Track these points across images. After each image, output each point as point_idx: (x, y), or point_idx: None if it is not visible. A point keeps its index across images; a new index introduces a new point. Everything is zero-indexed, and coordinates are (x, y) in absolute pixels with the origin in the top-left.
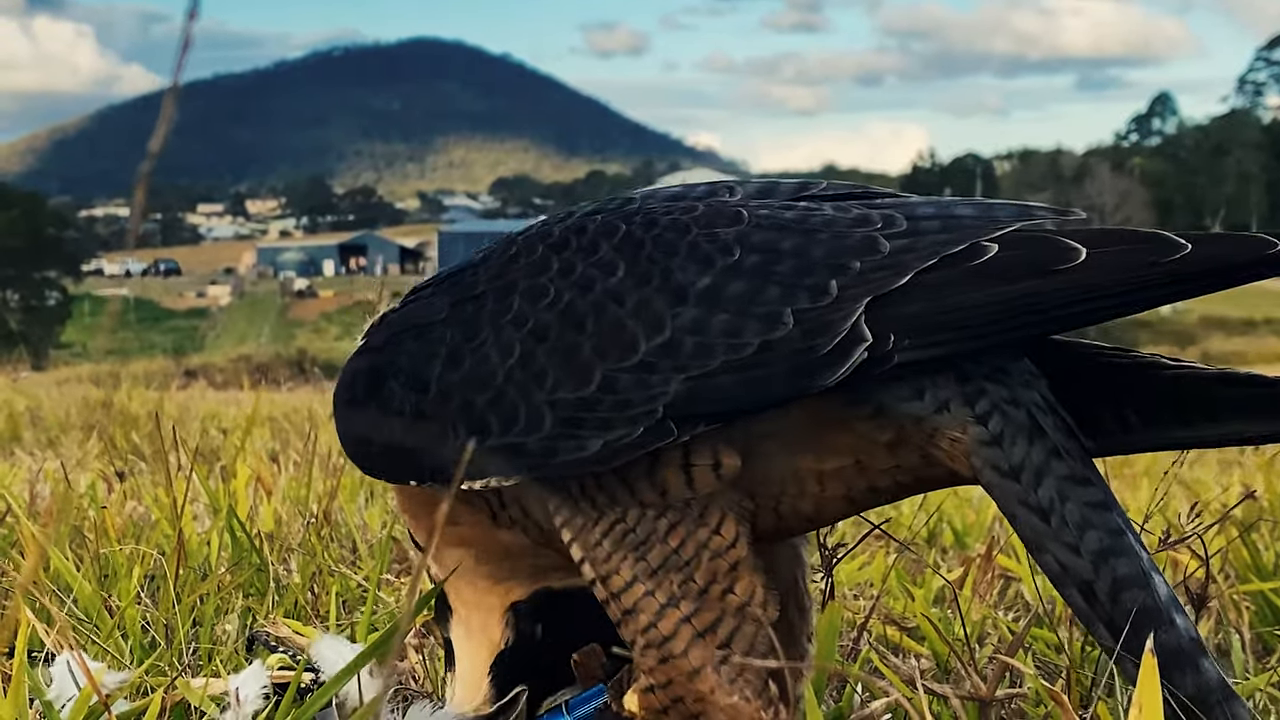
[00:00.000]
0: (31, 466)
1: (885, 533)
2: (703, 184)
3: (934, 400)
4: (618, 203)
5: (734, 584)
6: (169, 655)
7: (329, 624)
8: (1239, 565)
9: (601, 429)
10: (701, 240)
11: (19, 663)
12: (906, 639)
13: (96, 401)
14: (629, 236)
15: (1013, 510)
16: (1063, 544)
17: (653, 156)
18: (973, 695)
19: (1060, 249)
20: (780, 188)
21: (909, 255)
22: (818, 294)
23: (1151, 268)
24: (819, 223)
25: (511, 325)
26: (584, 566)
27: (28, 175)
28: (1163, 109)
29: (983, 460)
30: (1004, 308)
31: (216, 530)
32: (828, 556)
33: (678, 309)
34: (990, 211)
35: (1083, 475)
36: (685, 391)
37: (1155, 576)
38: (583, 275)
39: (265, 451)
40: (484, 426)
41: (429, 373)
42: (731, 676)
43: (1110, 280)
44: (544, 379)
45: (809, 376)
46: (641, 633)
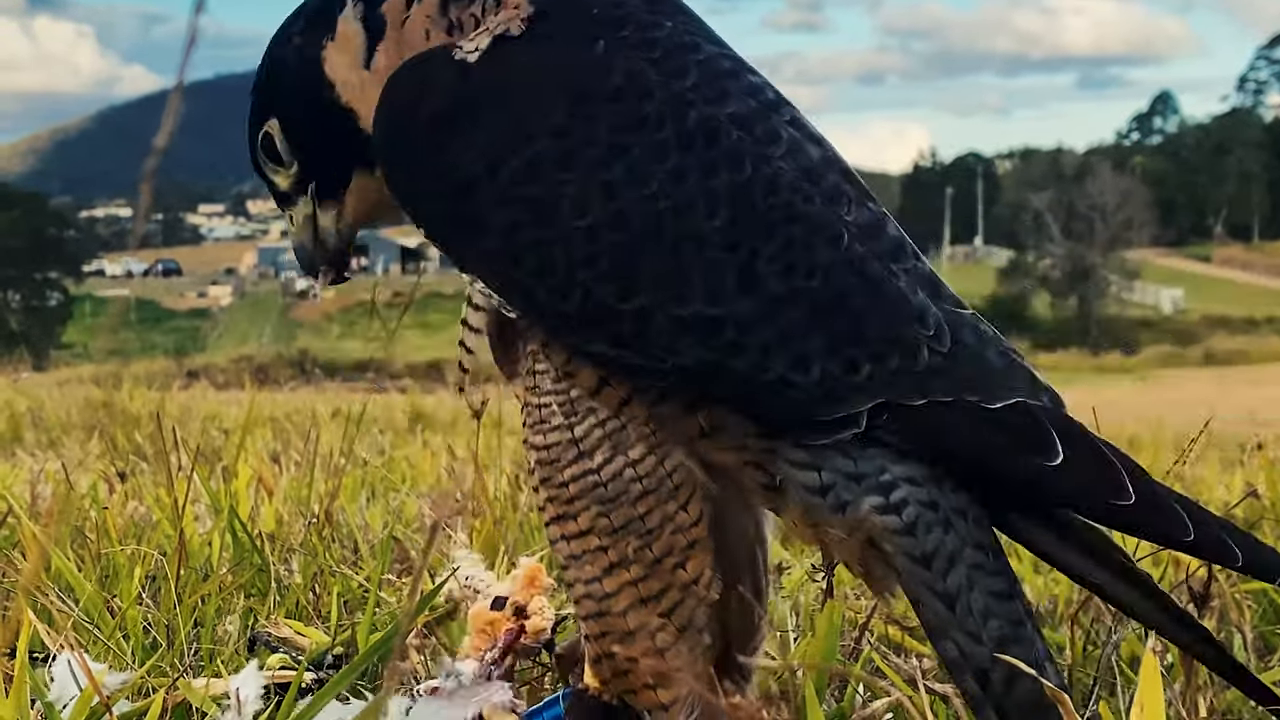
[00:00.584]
0: (33, 467)
1: None
2: (839, 167)
3: (835, 501)
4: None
5: (686, 561)
6: (170, 656)
7: (330, 625)
8: None
9: (614, 344)
10: (798, 245)
11: (20, 663)
12: (908, 638)
13: (98, 402)
14: (747, 188)
15: (919, 595)
16: (965, 632)
17: None
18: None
19: (1046, 442)
20: (884, 238)
21: (936, 380)
22: (849, 368)
23: (1099, 502)
24: (890, 295)
25: (600, 190)
26: (538, 481)
27: (29, 176)
28: (1164, 108)
29: (894, 547)
30: (983, 460)
31: (218, 531)
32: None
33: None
34: (1011, 370)
35: (993, 567)
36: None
37: (1049, 666)
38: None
39: (267, 452)
40: (518, 255)
41: (504, 160)
42: (665, 645)
43: (1068, 493)
44: (594, 262)
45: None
46: (584, 583)
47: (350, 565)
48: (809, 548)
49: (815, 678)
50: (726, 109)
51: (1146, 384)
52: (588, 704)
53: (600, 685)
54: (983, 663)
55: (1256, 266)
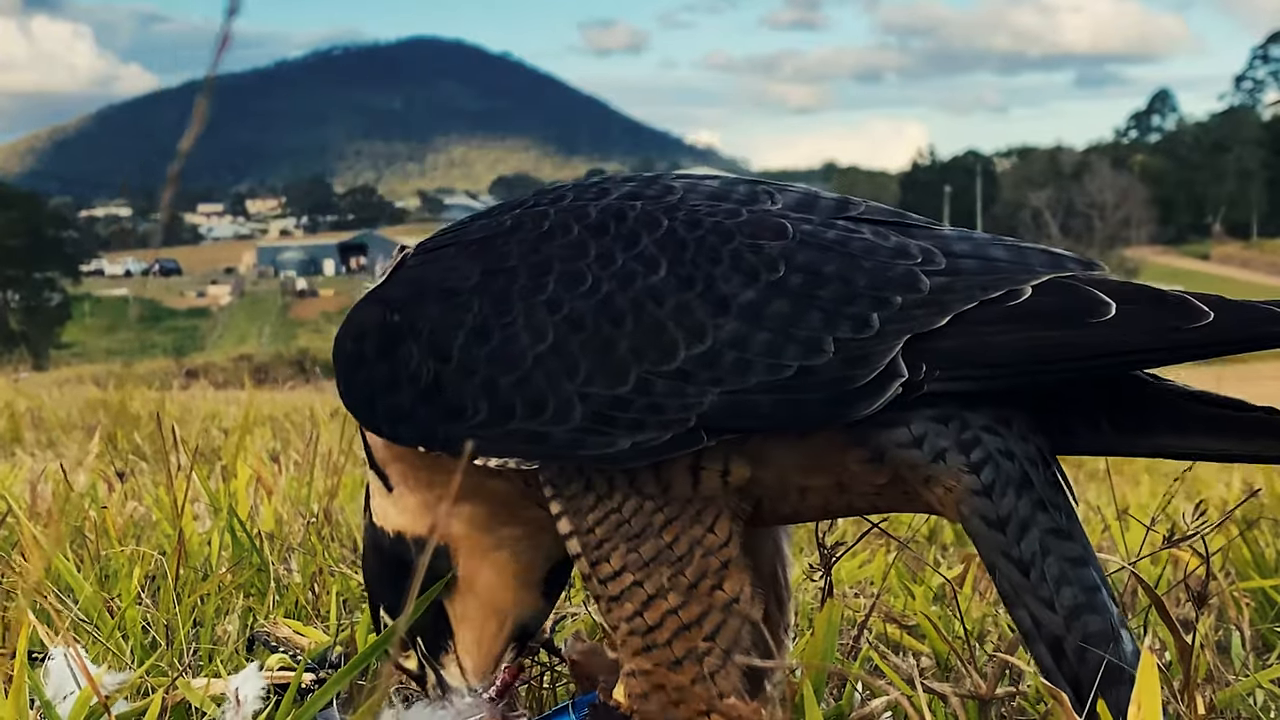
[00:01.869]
0: (32, 467)
1: (885, 531)
2: (743, 183)
3: (931, 449)
4: (656, 189)
5: (723, 581)
6: (169, 655)
7: (329, 624)
8: (1239, 562)
9: (633, 429)
10: (745, 250)
11: (20, 663)
12: (906, 637)
13: (97, 402)
14: (672, 234)
15: (994, 561)
16: (1039, 599)
17: (652, 155)
18: (973, 693)
19: (1093, 301)
20: (820, 203)
21: (949, 296)
22: (860, 325)
23: (1175, 333)
24: (859, 249)
25: (545, 308)
26: (570, 543)
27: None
28: (1162, 106)
29: (971, 509)
30: (1034, 353)
31: (217, 530)
32: (827, 555)
33: (720, 319)
34: (1023, 256)
35: (1066, 529)
36: (721, 404)
37: (1124, 634)
38: (623, 268)
39: (266, 451)
40: (508, 408)
41: (452, 342)
42: (714, 669)
43: (1136, 340)
44: (576, 370)
45: (845, 405)
46: (626, 620)
47: (349, 565)
48: (808, 548)
49: (814, 676)
50: (614, 195)
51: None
52: (614, 718)
53: (629, 700)
54: (1057, 631)
55: (1255, 264)
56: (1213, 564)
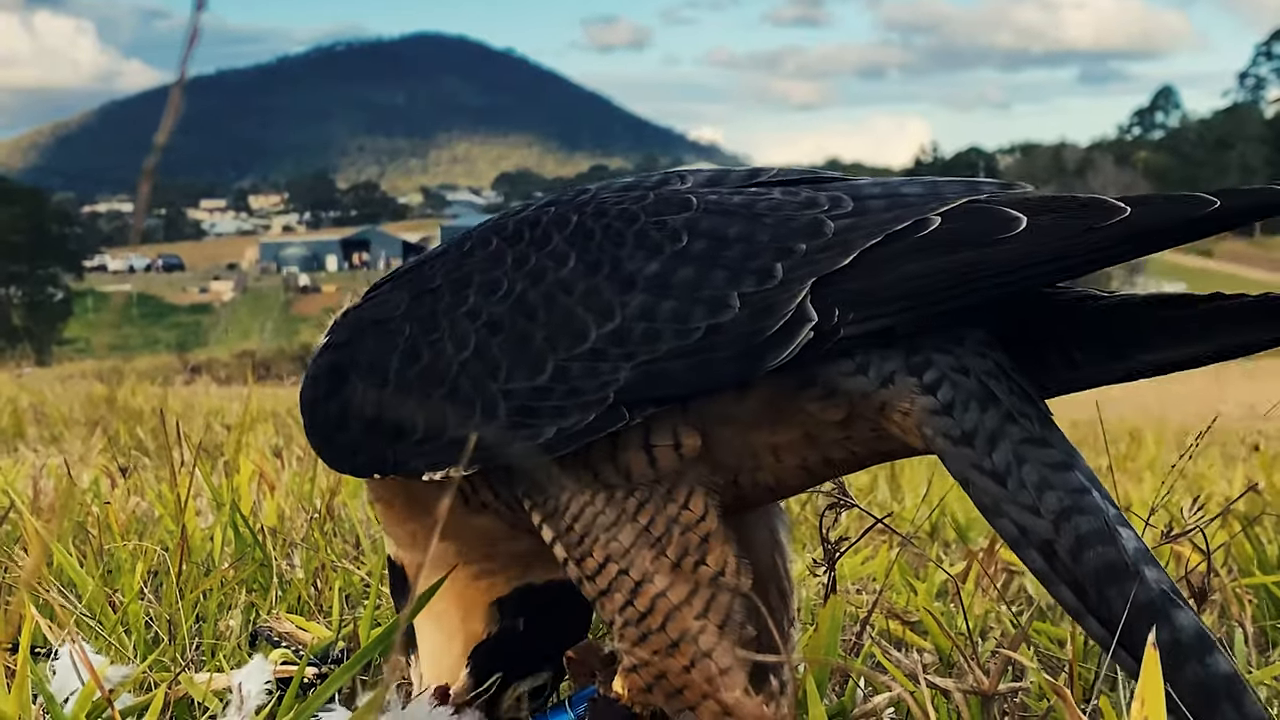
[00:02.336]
0: (35, 462)
1: (888, 526)
2: (658, 173)
3: (878, 374)
4: (572, 194)
5: (705, 555)
6: (172, 650)
7: (332, 619)
8: (1241, 559)
9: (555, 417)
10: (650, 228)
11: (23, 658)
12: (909, 633)
13: (100, 397)
14: (580, 227)
15: (966, 476)
16: (1020, 506)
17: (655, 151)
18: (975, 689)
19: (1001, 219)
20: (730, 175)
21: (854, 234)
22: (764, 277)
23: (1089, 233)
24: (765, 207)
25: (466, 318)
26: (556, 549)
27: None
28: (1165, 103)
29: (934, 429)
30: (945, 278)
31: (220, 526)
32: (830, 550)
33: (626, 296)
34: (937, 189)
35: (1040, 437)
36: (635, 377)
37: (1123, 531)
38: (535, 266)
39: (268, 447)
40: (441, 420)
41: (388, 367)
42: (709, 648)
43: (1049, 246)
44: (498, 370)
45: (756, 359)
46: (619, 611)
47: (352, 560)
48: (810, 543)
49: (816, 672)
50: (532, 207)
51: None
52: (615, 711)
53: (630, 693)
54: (1045, 535)
55: (1259, 261)
56: (1214, 560)
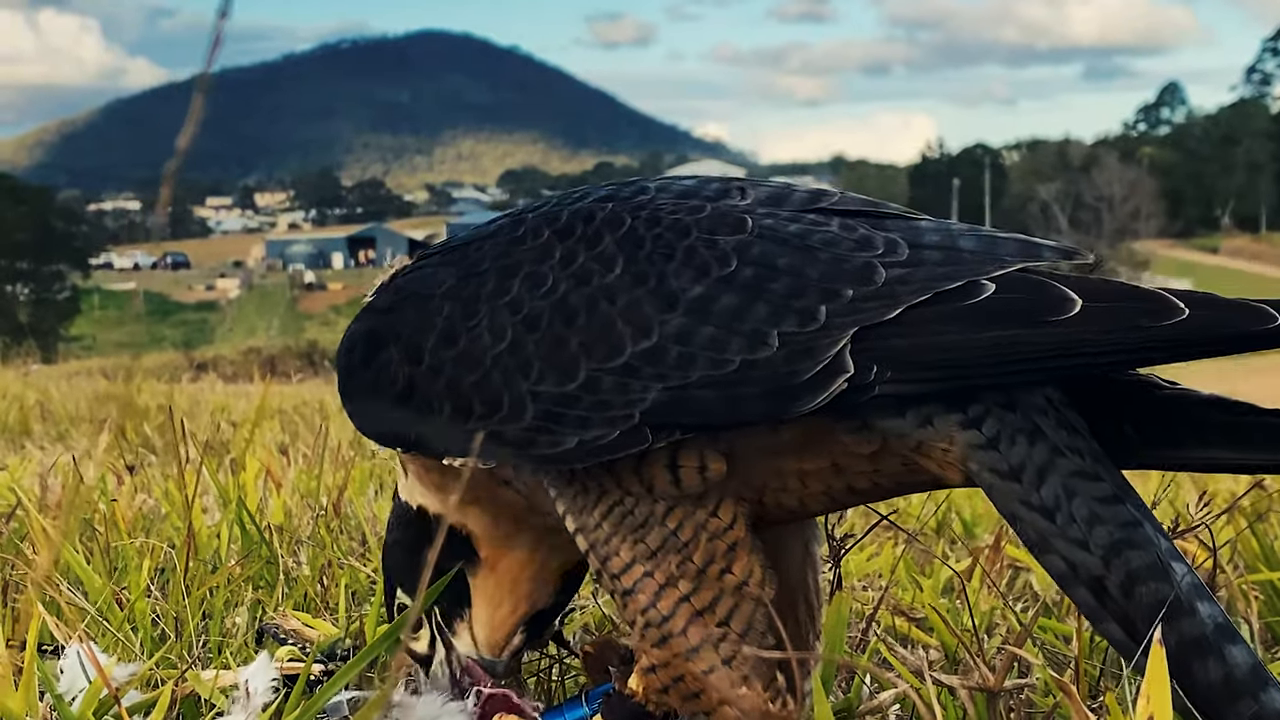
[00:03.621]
0: (42, 460)
1: (894, 524)
2: (717, 180)
3: (916, 416)
4: (630, 190)
5: (731, 564)
6: (179, 647)
7: (339, 616)
8: (1248, 555)
9: (579, 427)
10: (700, 246)
11: (30, 655)
12: (915, 630)
13: (106, 395)
14: (632, 232)
15: (1014, 511)
16: (1070, 541)
17: (660, 148)
18: (981, 686)
19: (1055, 298)
20: (793, 196)
21: (903, 287)
22: (806, 318)
23: (1143, 331)
24: (820, 241)
25: (507, 309)
26: (580, 542)
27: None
28: (1171, 98)
29: (979, 464)
30: (990, 353)
31: (226, 523)
32: (836, 547)
33: (666, 315)
34: (994, 248)
35: (1091, 471)
36: (664, 400)
37: (1176, 565)
38: (582, 267)
39: (275, 444)
40: (468, 407)
41: (424, 344)
42: (729, 655)
43: (1100, 339)
44: (530, 369)
45: (787, 401)
46: (641, 613)
47: (358, 557)
48: None
49: (823, 669)
50: (590, 199)
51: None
52: (628, 708)
53: (646, 693)
54: (1095, 571)
55: (1264, 257)
56: (1221, 557)
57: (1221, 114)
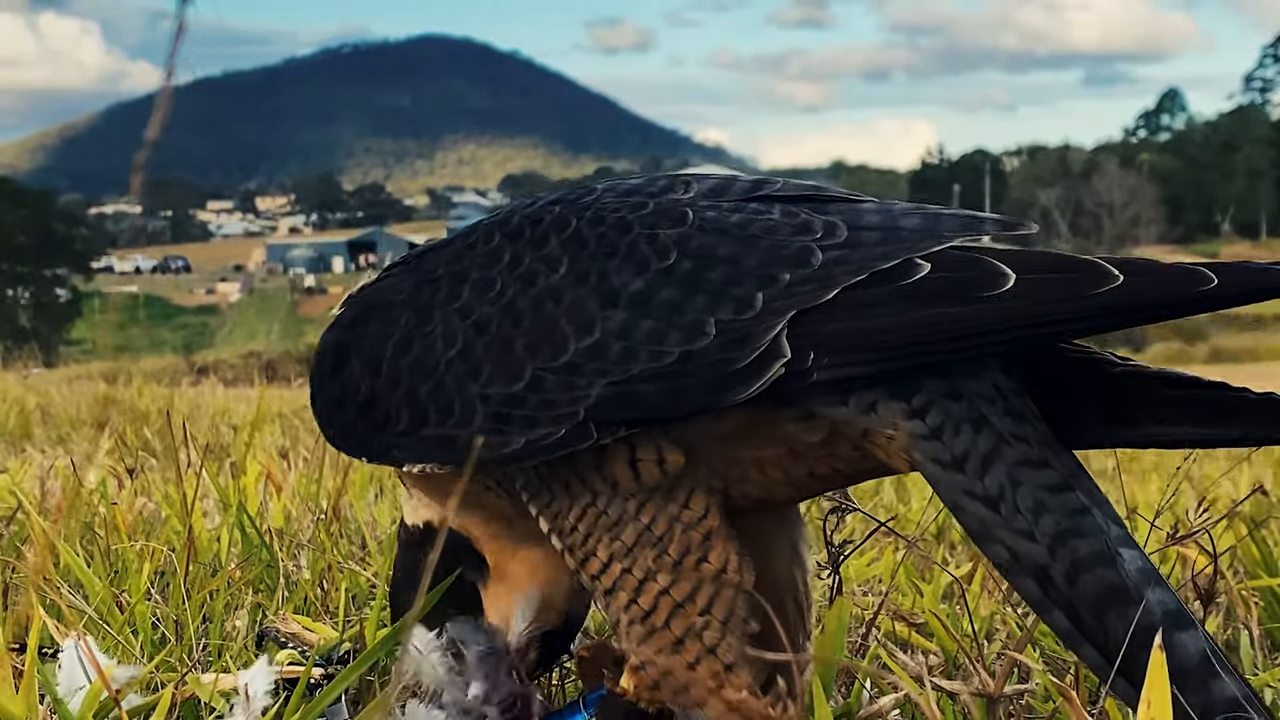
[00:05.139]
0: (42, 463)
1: (893, 530)
2: (664, 177)
3: (859, 403)
4: (578, 193)
5: (708, 553)
6: (179, 651)
7: (338, 620)
8: (1248, 561)
9: (526, 427)
10: (641, 241)
11: (30, 658)
12: (915, 635)
13: (106, 398)
14: (576, 233)
15: (957, 501)
16: (1014, 531)
17: (661, 153)
18: (981, 691)
19: (989, 273)
20: (735, 186)
21: (839, 269)
22: (743, 305)
23: (1078, 300)
24: (760, 229)
25: (458, 315)
26: (556, 544)
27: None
28: (1171, 105)
29: (922, 454)
30: (925, 331)
31: (226, 526)
32: (836, 553)
33: (608, 312)
34: (936, 224)
35: (1039, 458)
36: (608, 395)
37: (1125, 552)
38: (528, 270)
39: (275, 448)
40: (424, 414)
41: (383, 355)
42: (713, 644)
43: (1035, 311)
44: (479, 372)
45: (724, 389)
46: (623, 610)
47: (358, 561)
48: (815, 546)
49: (823, 674)
50: (541, 201)
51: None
52: (621, 708)
53: (637, 691)
54: (1040, 560)
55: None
56: (1221, 563)
57: (1222, 120)
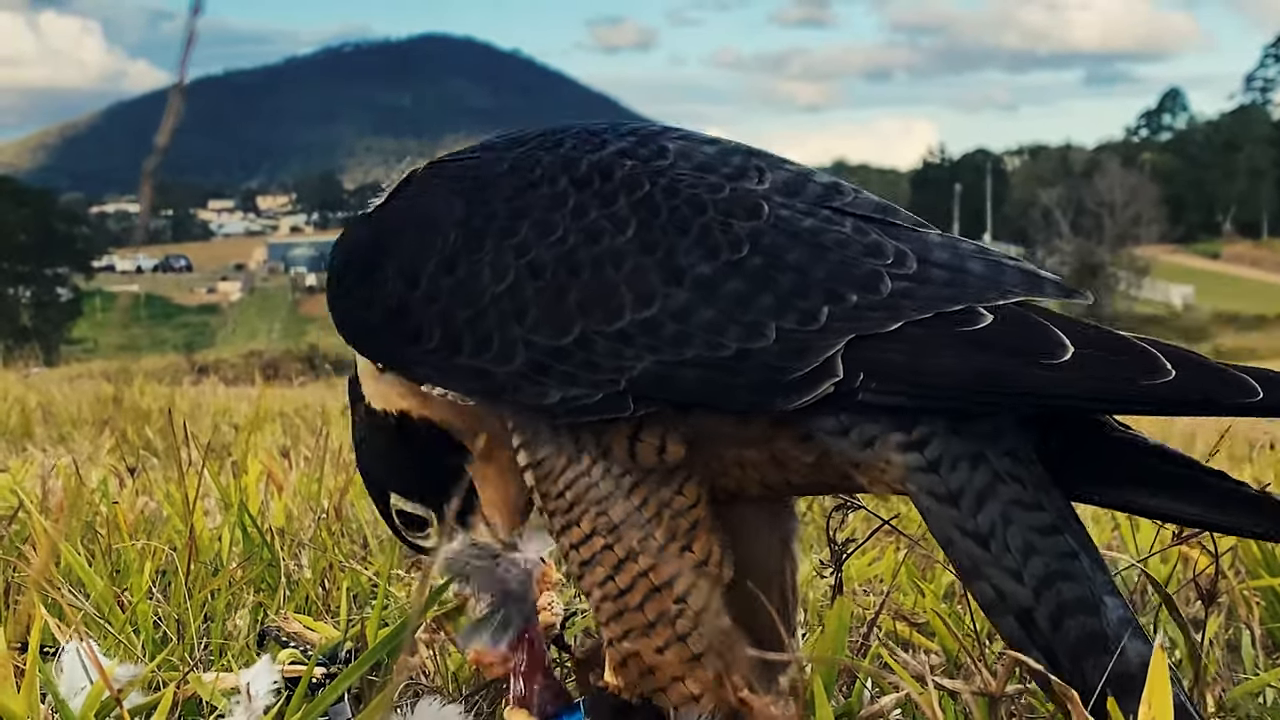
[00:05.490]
0: (43, 462)
1: (895, 528)
2: (738, 154)
3: (860, 437)
4: (650, 150)
5: (692, 542)
6: (180, 650)
7: (340, 619)
8: (1249, 561)
9: (565, 382)
10: (714, 226)
11: (32, 658)
12: (916, 635)
13: (108, 397)
14: (648, 198)
15: (948, 536)
16: (1002, 570)
17: None
18: (983, 691)
19: (1049, 340)
20: (809, 188)
21: (906, 301)
22: (807, 317)
23: (1129, 385)
24: (831, 241)
25: (512, 251)
26: (540, 503)
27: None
28: (1173, 104)
29: (918, 486)
30: (975, 381)
31: (228, 526)
32: (837, 552)
33: (671, 289)
34: (999, 274)
35: (1033, 500)
36: (653, 373)
37: (1109, 600)
38: (593, 224)
39: (276, 447)
40: (456, 341)
41: (422, 269)
42: (684, 632)
43: (1087, 386)
44: (525, 315)
45: (773, 395)
46: (598, 585)
47: (360, 560)
48: (818, 545)
49: (824, 673)
50: (610, 150)
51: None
52: (609, 703)
53: (622, 685)
54: (1024, 602)
55: (1265, 263)
56: (1223, 562)
57: (1223, 120)
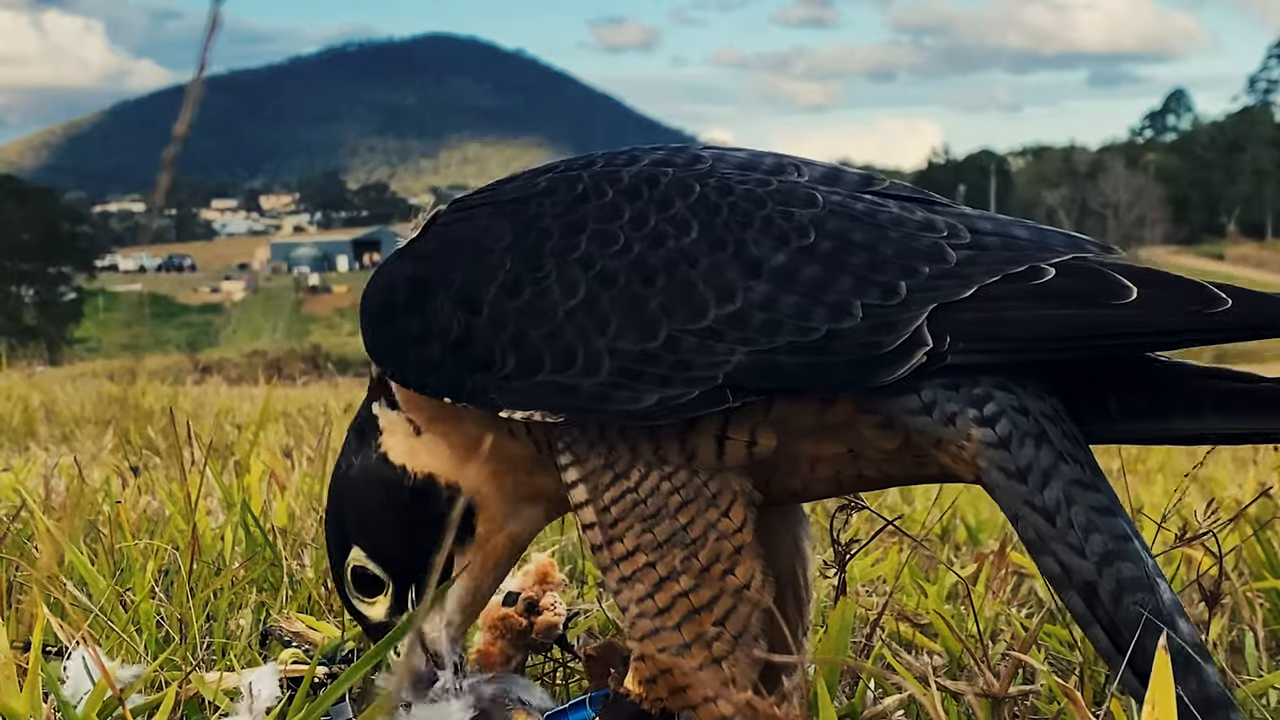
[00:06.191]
0: (46, 461)
1: (899, 529)
2: (769, 155)
3: (942, 414)
4: (685, 158)
5: (735, 566)
6: (183, 650)
7: (342, 619)
8: (1253, 562)
9: (659, 385)
10: (777, 217)
11: (34, 657)
12: (919, 635)
13: (111, 396)
14: (703, 199)
15: (1017, 511)
16: (1067, 545)
17: None
18: (986, 692)
19: (1114, 284)
20: (846, 177)
21: (973, 268)
22: (888, 292)
23: (1196, 315)
24: (888, 220)
25: (578, 265)
26: (585, 514)
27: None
28: (1177, 105)
29: (989, 462)
30: (1056, 329)
31: (230, 525)
32: (841, 552)
33: (750, 282)
34: (1044, 236)
35: (1090, 481)
36: (749, 364)
37: (1160, 582)
38: (655, 229)
39: (279, 447)
40: (536, 360)
41: (482, 295)
42: (721, 655)
43: (1157, 321)
44: (606, 325)
45: (871, 371)
46: (637, 601)
47: None
48: (821, 545)
49: (827, 674)
50: (644, 162)
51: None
52: (627, 710)
53: (645, 695)
54: (1088, 576)
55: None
56: (1226, 564)
57: (1227, 121)
